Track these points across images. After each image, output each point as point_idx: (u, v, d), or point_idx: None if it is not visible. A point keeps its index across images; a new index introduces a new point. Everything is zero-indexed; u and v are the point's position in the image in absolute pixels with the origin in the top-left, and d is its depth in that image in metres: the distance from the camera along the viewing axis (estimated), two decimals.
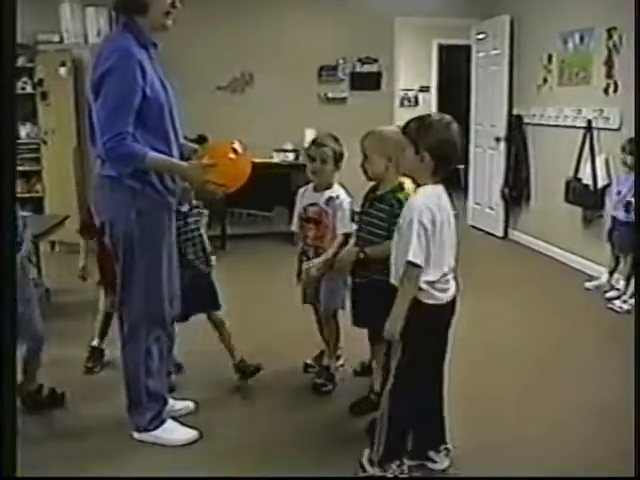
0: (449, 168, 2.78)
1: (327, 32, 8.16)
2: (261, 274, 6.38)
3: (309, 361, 4.11)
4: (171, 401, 3.49)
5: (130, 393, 3.24)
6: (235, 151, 3.24)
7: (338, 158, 3.68)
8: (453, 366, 3.13)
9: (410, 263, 2.65)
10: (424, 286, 2.72)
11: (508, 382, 3.98)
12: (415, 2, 8.25)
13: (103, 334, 4.22)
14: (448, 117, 2.79)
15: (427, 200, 2.69)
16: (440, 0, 8.30)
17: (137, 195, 3.01)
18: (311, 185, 3.82)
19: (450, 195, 2.81)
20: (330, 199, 3.68)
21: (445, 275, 2.77)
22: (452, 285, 2.85)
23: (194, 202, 3.71)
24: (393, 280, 2.79)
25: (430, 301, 2.74)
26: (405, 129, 2.77)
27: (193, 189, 3.45)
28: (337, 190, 3.73)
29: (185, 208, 3.61)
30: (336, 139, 3.77)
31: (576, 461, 3.11)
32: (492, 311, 5.25)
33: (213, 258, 3.81)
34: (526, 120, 7.58)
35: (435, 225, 2.66)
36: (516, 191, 7.71)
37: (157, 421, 3.28)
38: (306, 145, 4.13)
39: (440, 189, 2.77)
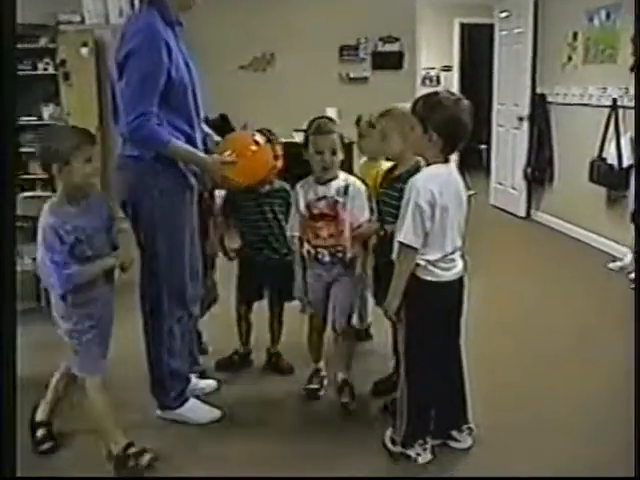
0: (458, 146, 2.75)
1: (348, 11, 8.12)
2: None
3: (314, 385, 3.64)
4: (194, 379, 3.52)
5: (153, 372, 3.26)
6: (257, 143, 3.22)
7: (344, 143, 3.37)
8: (473, 345, 3.13)
9: (402, 244, 2.66)
10: (422, 263, 2.71)
11: (529, 363, 3.96)
12: None
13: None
14: (457, 94, 2.78)
15: (428, 180, 2.67)
16: None
17: (160, 175, 3.01)
18: (311, 178, 3.38)
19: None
20: (345, 188, 3.28)
21: (447, 255, 2.75)
22: (458, 264, 2.83)
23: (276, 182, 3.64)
24: (394, 256, 2.77)
25: (429, 278, 2.73)
26: (414, 107, 2.74)
27: (211, 181, 3.38)
28: (347, 177, 3.36)
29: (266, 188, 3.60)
30: (334, 121, 3.50)
31: (595, 441, 3.10)
32: (514, 291, 5.23)
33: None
34: (550, 99, 7.50)
35: (434, 206, 2.64)
36: (539, 171, 7.65)
37: (180, 399, 3.29)
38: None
39: (448, 168, 2.75)
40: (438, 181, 2.67)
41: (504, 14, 8.37)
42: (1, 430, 2.08)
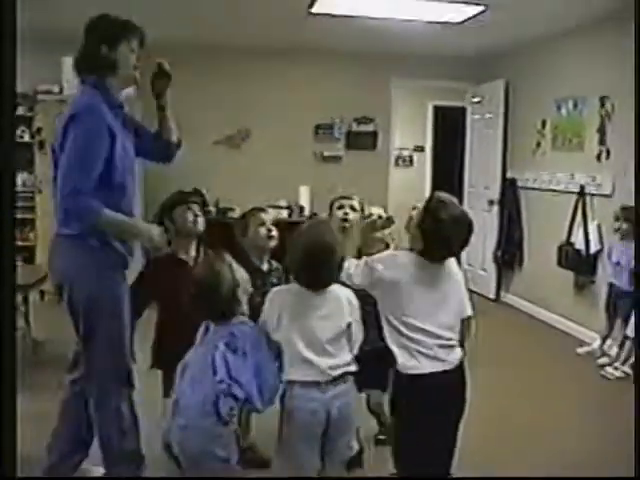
0: (437, 259, 2.77)
1: (324, 91, 8.27)
2: None
3: None
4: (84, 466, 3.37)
5: (105, 455, 3.15)
6: None
7: None
8: None
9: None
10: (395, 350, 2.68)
11: (495, 450, 3.91)
12: (412, 65, 8.36)
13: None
14: (458, 210, 2.75)
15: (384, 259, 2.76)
16: (436, 63, 8.41)
17: (96, 254, 2.95)
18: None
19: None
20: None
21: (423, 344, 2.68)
22: (440, 354, 2.71)
23: (273, 263, 3.57)
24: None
25: (407, 371, 2.68)
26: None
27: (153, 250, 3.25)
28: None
29: (265, 267, 3.52)
30: None
31: None
32: (480, 376, 5.20)
33: None
34: (520, 184, 7.64)
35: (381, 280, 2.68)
36: (509, 254, 7.73)
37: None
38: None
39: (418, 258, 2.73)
40: (397, 263, 2.72)
41: (476, 99, 8.57)
42: (1, 430, 2.01)
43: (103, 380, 3.06)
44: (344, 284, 2.77)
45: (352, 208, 3.71)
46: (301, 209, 8.03)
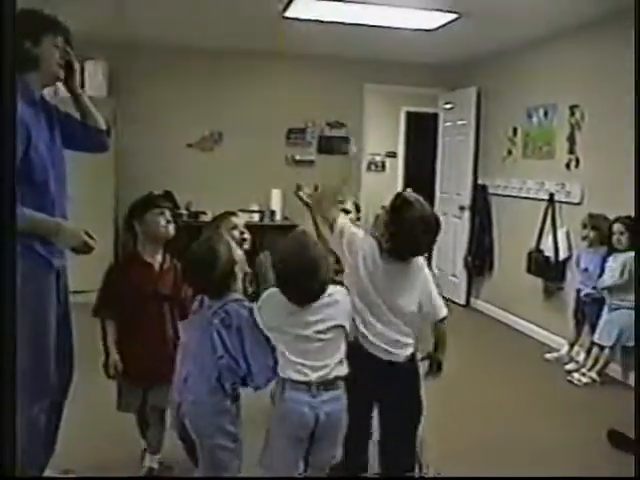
0: (405, 257, 2.90)
1: (297, 95, 8.27)
2: None
3: None
4: (48, 472, 3.27)
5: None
6: None
7: None
8: None
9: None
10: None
11: (461, 457, 3.92)
12: (385, 70, 8.39)
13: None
14: (422, 208, 2.85)
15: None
16: (410, 69, 8.45)
17: (18, 260, 2.88)
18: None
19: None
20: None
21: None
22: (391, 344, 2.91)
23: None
24: None
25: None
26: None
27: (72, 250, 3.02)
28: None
29: None
30: None
31: None
32: (448, 380, 5.21)
33: None
34: (491, 190, 7.69)
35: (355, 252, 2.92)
36: (479, 260, 7.77)
37: None
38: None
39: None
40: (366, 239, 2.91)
41: (448, 105, 8.62)
42: (1, 430, 1.97)
43: (22, 387, 2.94)
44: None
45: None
46: (272, 213, 8.01)
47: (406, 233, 2.73)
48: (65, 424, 3.27)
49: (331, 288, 2.70)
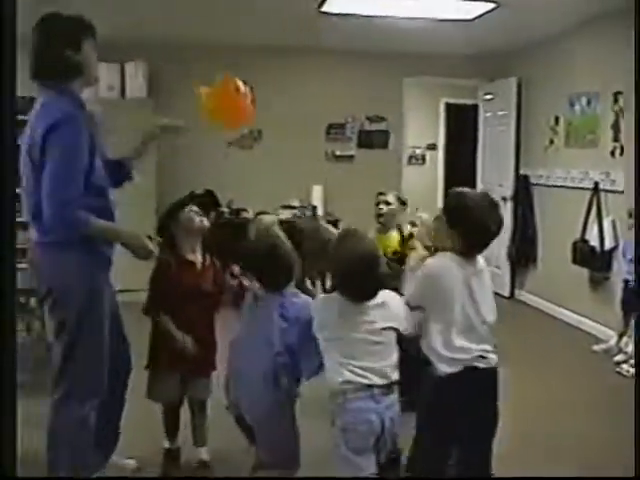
0: (479, 251, 2.80)
1: (336, 90, 8.28)
2: None
3: None
4: (114, 458, 3.42)
5: (50, 463, 3.06)
6: (238, 89, 3.25)
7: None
8: None
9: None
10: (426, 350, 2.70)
11: (512, 453, 3.89)
12: (424, 62, 8.35)
13: (173, 432, 3.62)
14: (489, 198, 2.77)
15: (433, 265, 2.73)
16: (449, 61, 8.38)
17: (86, 260, 2.94)
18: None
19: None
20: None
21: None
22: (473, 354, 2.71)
23: None
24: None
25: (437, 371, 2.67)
26: (445, 200, 2.84)
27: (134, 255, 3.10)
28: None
29: None
30: None
31: None
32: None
33: None
34: (533, 180, 7.60)
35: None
36: (523, 251, 7.69)
37: None
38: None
39: (458, 259, 2.72)
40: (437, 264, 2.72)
41: (488, 96, 8.55)
42: (1, 430, 2.02)
43: (71, 388, 3.00)
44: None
45: (386, 203, 4.47)
46: (314, 208, 8.02)
47: (476, 224, 2.66)
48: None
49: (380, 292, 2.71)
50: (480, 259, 2.83)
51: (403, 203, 4.64)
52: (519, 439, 4.00)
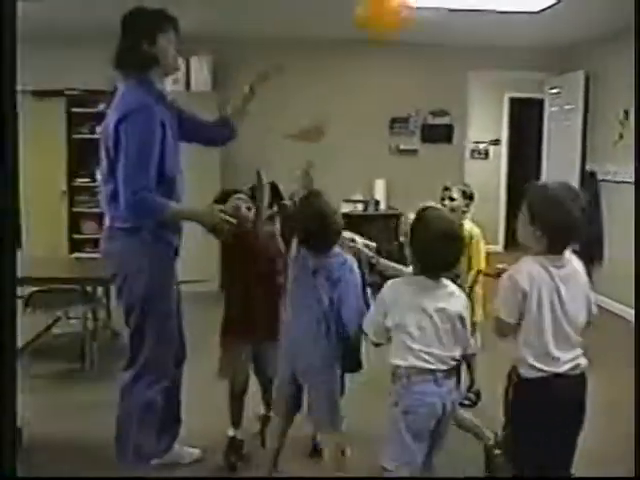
0: (565, 247, 2.63)
1: (400, 84, 8.25)
2: None
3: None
4: (176, 447, 3.51)
5: (119, 444, 3.17)
6: None
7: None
8: None
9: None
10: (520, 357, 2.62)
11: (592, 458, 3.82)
12: (488, 56, 8.26)
13: (239, 419, 3.73)
14: (575, 191, 2.63)
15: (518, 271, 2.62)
16: (513, 54, 8.27)
17: (151, 247, 3.05)
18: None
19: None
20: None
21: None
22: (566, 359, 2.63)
23: None
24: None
25: (528, 375, 2.61)
26: (529, 195, 2.66)
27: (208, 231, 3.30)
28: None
29: None
30: None
31: None
32: None
33: None
34: (600, 176, 7.45)
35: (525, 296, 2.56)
36: (588, 248, 7.54)
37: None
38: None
39: (549, 260, 2.59)
40: (527, 270, 2.59)
41: (555, 90, 8.41)
42: (1, 430, 2.07)
43: (141, 370, 3.12)
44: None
45: (450, 198, 4.45)
46: (377, 203, 8.02)
47: (560, 219, 2.53)
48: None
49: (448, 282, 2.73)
50: (571, 256, 2.68)
51: (469, 197, 4.56)
52: (599, 442, 3.94)
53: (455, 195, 4.53)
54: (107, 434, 3.21)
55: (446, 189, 4.60)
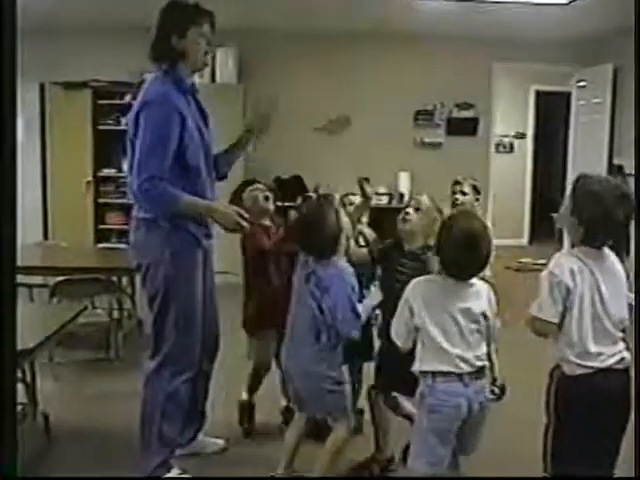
0: (605, 242, 2.58)
1: (424, 76, 8.20)
2: None
3: None
4: (201, 437, 3.52)
5: (143, 434, 3.17)
6: None
7: None
8: None
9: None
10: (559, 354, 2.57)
11: None
12: (514, 48, 8.18)
13: (255, 389, 3.88)
14: (622, 188, 2.56)
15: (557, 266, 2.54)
16: (540, 46, 8.19)
17: (171, 236, 3.04)
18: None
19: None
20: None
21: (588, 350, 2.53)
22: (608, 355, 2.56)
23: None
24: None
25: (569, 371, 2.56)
26: (574, 185, 2.60)
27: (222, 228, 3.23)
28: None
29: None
30: None
31: None
32: None
33: None
34: (627, 171, 7.37)
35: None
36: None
37: (163, 469, 3.18)
38: None
39: (586, 253, 2.54)
40: (568, 266, 2.51)
41: (582, 83, 8.32)
42: (1, 430, 2.09)
43: (164, 360, 3.13)
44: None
45: (462, 193, 4.49)
46: (401, 196, 8.00)
47: (599, 212, 2.47)
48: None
49: (474, 280, 2.69)
50: (609, 251, 2.62)
51: (478, 192, 4.60)
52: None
53: (467, 189, 4.54)
54: (132, 423, 3.22)
55: (457, 183, 4.61)
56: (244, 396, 3.84)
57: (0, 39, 1.80)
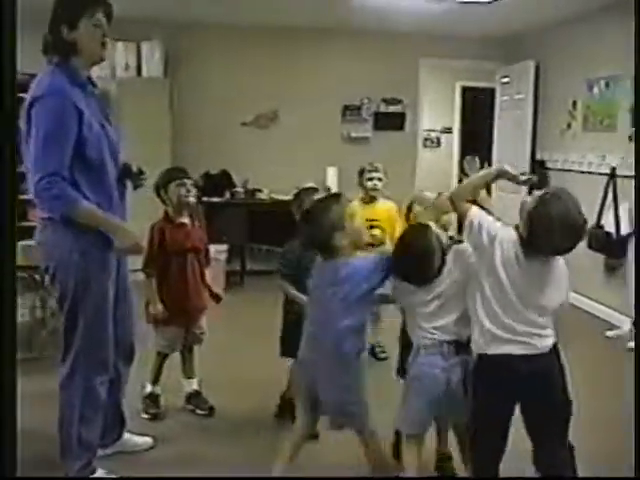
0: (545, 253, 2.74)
1: (352, 72, 8.23)
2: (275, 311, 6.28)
3: None
4: (127, 435, 3.49)
5: (62, 438, 3.10)
6: None
7: None
8: None
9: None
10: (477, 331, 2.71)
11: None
12: (440, 44, 8.29)
13: (158, 377, 4.06)
14: (570, 211, 2.72)
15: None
16: (465, 43, 8.33)
17: (79, 238, 2.90)
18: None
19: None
20: None
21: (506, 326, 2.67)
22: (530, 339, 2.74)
23: None
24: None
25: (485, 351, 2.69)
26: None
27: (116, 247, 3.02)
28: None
29: None
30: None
31: None
32: None
33: None
34: (549, 165, 7.56)
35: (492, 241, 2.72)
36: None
37: (86, 471, 3.11)
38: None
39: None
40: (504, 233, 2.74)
41: (505, 79, 8.48)
42: (1, 430, 2.04)
43: (75, 363, 3.03)
44: None
45: (379, 179, 4.90)
46: (328, 190, 8.01)
47: (544, 231, 2.60)
48: None
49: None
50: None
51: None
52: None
53: (382, 175, 4.91)
54: (55, 425, 3.15)
55: (374, 170, 4.91)
56: (148, 389, 4.05)
57: None
